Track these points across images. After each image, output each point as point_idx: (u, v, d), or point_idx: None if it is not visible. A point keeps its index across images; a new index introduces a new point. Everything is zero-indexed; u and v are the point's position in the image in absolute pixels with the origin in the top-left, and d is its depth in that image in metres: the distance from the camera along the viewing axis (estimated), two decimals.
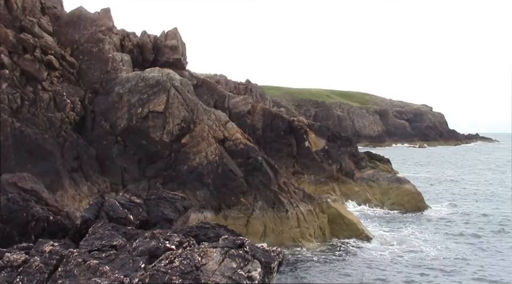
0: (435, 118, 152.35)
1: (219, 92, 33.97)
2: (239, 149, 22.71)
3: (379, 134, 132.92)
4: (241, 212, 20.58)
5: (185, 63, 33.82)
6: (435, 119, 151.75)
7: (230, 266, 4.75)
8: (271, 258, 5.11)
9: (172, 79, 23.45)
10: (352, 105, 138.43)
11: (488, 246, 20.88)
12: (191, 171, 21.50)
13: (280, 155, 31.43)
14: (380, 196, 31.55)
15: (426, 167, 63.11)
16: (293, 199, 21.76)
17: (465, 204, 32.26)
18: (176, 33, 32.91)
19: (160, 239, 5.49)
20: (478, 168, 63.08)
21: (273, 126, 32.68)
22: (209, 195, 20.88)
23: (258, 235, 20.02)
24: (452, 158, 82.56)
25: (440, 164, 69.15)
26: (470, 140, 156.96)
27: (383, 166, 39.21)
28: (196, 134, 22.40)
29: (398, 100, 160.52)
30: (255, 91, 77.78)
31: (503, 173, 55.99)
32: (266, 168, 22.19)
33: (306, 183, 30.78)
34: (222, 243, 5.06)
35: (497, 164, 70.29)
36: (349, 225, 22.32)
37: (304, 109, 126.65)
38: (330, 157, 33.85)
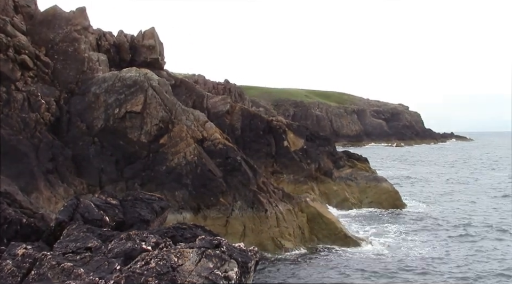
0: (411, 117, 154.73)
1: (197, 92, 33.81)
2: (218, 149, 22.64)
3: (357, 133, 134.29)
4: (220, 212, 20.51)
5: (163, 63, 33.56)
6: (411, 118, 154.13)
7: (206, 266, 4.72)
8: (248, 257, 5.09)
9: (150, 79, 23.23)
10: (330, 105, 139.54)
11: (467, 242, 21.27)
12: (170, 171, 21.33)
13: (259, 155, 31.43)
14: (358, 195, 31.88)
15: (403, 166, 64.03)
16: (272, 199, 21.79)
17: (441, 201, 32.84)
18: (153, 32, 32.63)
19: (136, 241, 5.42)
20: (453, 166, 64.30)
21: (252, 126, 32.67)
22: (188, 196, 20.75)
23: (237, 235, 19.99)
24: (428, 157, 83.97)
25: (417, 163, 70.26)
26: (445, 138, 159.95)
27: (361, 165, 39.61)
28: (174, 134, 22.24)
29: (375, 100, 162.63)
30: (233, 90, 77.69)
31: (477, 170, 57.22)
32: (245, 168, 22.17)
33: (285, 182, 30.87)
34: (199, 243, 5.02)
35: (472, 162, 71.76)
36: (328, 224, 22.47)
37: (283, 109, 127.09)
38: (309, 157, 34.02)
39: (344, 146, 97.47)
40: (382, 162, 69.29)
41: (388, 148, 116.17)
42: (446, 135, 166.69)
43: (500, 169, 59.81)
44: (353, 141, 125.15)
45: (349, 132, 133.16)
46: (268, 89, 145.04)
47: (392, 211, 28.96)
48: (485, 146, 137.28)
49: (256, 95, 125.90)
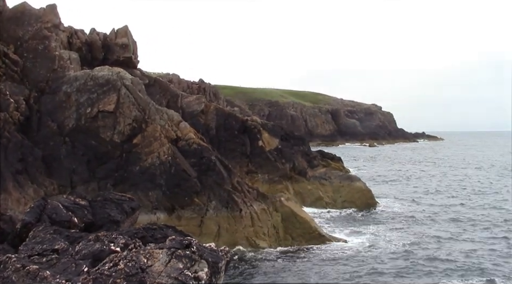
0: (384, 117, 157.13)
1: (172, 91, 33.54)
2: (192, 149, 22.49)
3: (331, 133, 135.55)
4: (194, 213, 20.38)
5: (136, 62, 33.16)
6: (384, 118, 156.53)
7: (176, 266, 4.67)
8: (219, 257, 5.07)
9: (123, 78, 22.91)
10: (305, 105, 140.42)
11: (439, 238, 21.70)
12: (143, 171, 21.09)
13: (233, 155, 31.38)
14: (331, 194, 32.18)
15: (376, 165, 64.96)
16: (246, 199, 21.78)
17: (413, 199, 33.40)
18: (126, 31, 32.20)
19: (105, 242, 5.33)
20: (424, 164, 65.56)
21: (227, 126, 32.60)
22: (162, 196, 20.55)
23: (212, 235, 19.91)
24: (400, 156, 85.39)
25: (389, 162, 71.37)
26: (417, 138, 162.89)
27: (335, 165, 39.99)
28: (147, 134, 21.99)
29: (349, 100, 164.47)
30: (208, 90, 77.35)
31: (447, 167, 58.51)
32: (219, 168, 22.10)
33: (260, 182, 30.90)
34: (169, 243, 4.97)
35: (442, 160, 73.31)
36: (302, 223, 22.59)
37: (258, 109, 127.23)
38: (284, 156, 34.16)
39: (318, 146, 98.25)
40: (356, 161, 70.15)
41: (362, 148, 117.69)
42: (418, 135, 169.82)
43: (471, 167, 61.28)
44: (327, 140, 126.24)
45: (323, 132, 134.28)
46: (243, 89, 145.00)
47: (365, 210, 29.35)
48: (455, 145, 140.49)
49: (231, 95, 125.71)
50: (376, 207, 30.27)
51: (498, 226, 24.45)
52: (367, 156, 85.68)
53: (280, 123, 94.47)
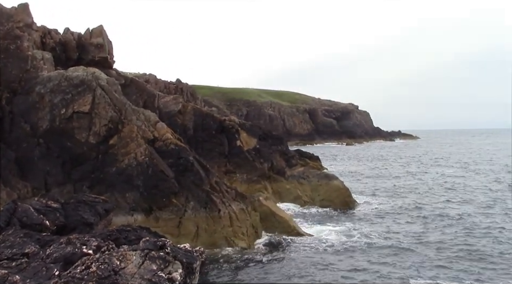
0: (361, 116, 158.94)
1: (148, 91, 33.21)
2: (169, 149, 22.31)
3: (309, 132, 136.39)
4: (172, 213, 20.22)
5: (112, 62, 32.73)
6: (361, 117, 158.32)
7: (150, 268, 4.62)
8: (193, 258, 5.03)
9: (98, 78, 22.58)
10: (283, 105, 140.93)
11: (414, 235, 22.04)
12: (120, 172, 20.81)
13: (212, 155, 31.27)
14: (310, 193, 32.35)
15: (354, 163, 65.62)
16: (225, 199, 21.72)
17: (390, 197, 33.86)
18: (101, 31, 31.76)
19: (77, 245, 5.22)
20: (400, 163, 66.51)
21: (205, 126, 32.46)
22: (139, 197, 20.32)
23: (190, 235, 19.79)
24: (376, 154, 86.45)
25: (366, 160, 72.17)
26: (393, 136, 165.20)
27: (313, 164, 40.32)
28: (124, 134, 21.71)
29: (326, 99, 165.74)
30: (185, 90, 76.89)
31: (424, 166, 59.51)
32: (197, 168, 21.98)
33: (239, 182, 30.88)
34: (143, 245, 4.91)
35: (417, 159, 74.50)
36: (281, 222, 22.68)
37: (235, 109, 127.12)
38: (262, 156, 34.21)
39: (296, 145, 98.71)
40: (334, 160, 70.73)
41: (339, 147, 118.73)
42: (394, 134, 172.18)
43: (445, 165, 62.44)
44: (305, 140, 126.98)
45: (301, 131, 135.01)
46: (220, 88, 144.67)
47: (343, 208, 29.61)
48: (430, 144, 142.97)
49: (208, 95, 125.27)
50: (353, 205, 30.57)
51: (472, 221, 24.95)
52: (344, 154, 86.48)
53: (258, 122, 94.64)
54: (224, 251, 19.11)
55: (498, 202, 31.39)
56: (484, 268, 16.80)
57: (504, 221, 24.93)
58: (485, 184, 40.57)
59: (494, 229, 23.13)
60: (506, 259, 17.89)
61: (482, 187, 39.21)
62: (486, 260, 17.82)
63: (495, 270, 16.60)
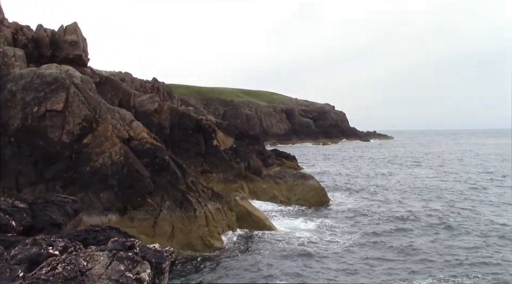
0: (337, 117, 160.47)
1: (124, 90, 32.83)
2: (145, 149, 22.11)
3: (286, 132, 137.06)
4: (148, 213, 20.04)
5: (86, 60, 32.23)
6: (337, 118, 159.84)
7: (117, 268, 4.58)
8: (163, 258, 5.01)
9: (72, 76, 22.21)
10: (260, 104, 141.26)
11: (381, 234, 22.41)
12: (94, 172, 20.52)
13: (188, 154, 31.15)
14: (286, 193, 32.53)
15: (330, 163, 66.21)
16: (201, 199, 21.66)
17: (364, 196, 34.30)
18: (76, 28, 31.24)
19: (43, 245, 5.13)
20: (375, 163, 67.48)
21: (181, 125, 32.30)
22: (114, 197, 20.07)
23: (166, 235, 19.67)
24: (352, 154, 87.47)
25: (342, 160, 72.93)
26: (368, 137, 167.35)
27: (289, 163, 40.55)
28: (98, 133, 21.42)
29: (303, 99, 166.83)
30: (162, 89, 76.29)
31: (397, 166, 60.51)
32: (173, 168, 21.85)
33: (215, 182, 30.84)
34: (111, 245, 4.87)
35: (390, 159, 75.69)
36: (256, 222, 22.76)
37: (212, 108, 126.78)
38: (239, 156, 34.25)
39: (273, 145, 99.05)
40: (310, 160, 71.24)
41: (316, 146, 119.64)
42: (369, 134, 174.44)
43: (419, 166, 63.57)
44: (282, 139, 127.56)
45: (278, 131, 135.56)
46: (197, 88, 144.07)
47: (319, 207, 29.88)
48: (405, 144, 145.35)
49: (185, 94, 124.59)
50: (329, 204, 30.90)
51: (441, 221, 25.50)
52: (321, 154, 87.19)
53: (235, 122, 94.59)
54: (200, 251, 19.05)
55: (469, 198, 32.18)
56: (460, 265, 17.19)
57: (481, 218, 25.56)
58: (454, 184, 41.50)
59: (469, 226, 23.69)
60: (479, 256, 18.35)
61: (451, 186, 40.10)
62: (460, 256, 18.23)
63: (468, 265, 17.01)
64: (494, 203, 31.35)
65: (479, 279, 15.56)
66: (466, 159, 74.64)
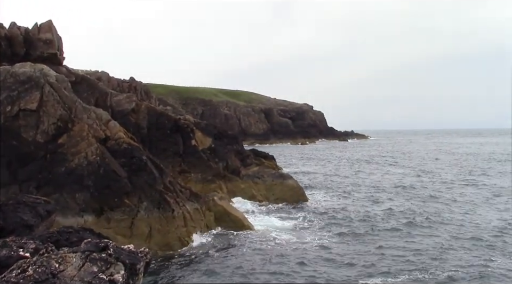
0: (315, 117, 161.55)
1: (100, 89, 32.36)
2: (122, 149, 21.87)
3: (264, 132, 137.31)
4: (125, 214, 19.83)
5: (61, 58, 31.69)
6: (315, 118, 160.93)
7: (90, 270, 4.52)
8: (137, 259, 4.97)
9: (46, 75, 21.82)
10: (238, 104, 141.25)
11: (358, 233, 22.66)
12: (70, 172, 20.20)
13: (166, 154, 30.90)
14: (264, 192, 32.61)
15: (308, 163, 66.64)
16: (179, 199, 21.55)
17: (338, 195, 34.62)
18: (50, 26, 30.68)
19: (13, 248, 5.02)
20: (351, 162, 68.20)
21: (159, 125, 32.00)
22: (90, 198, 19.79)
23: (143, 236, 19.50)
24: (329, 154, 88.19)
25: (318, 160, 73.47)
26: (346, 136, 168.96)
27: (268, 163, 40.57)
28: (74, 133, 21.09)
29: (281, 99, 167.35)
30: (139, 88, 75.54)
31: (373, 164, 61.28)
32: (151, 168, 21.68)
33: (193, 182, 30.68)
34: (84, 247, 4.80)
35: (367, 159, 76.62)
36: (235, 222, 22.75)
37: (191, 108, 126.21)
38: (217, 155, 34.14)
39: (252, 145, 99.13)
40: (288, 160, 71.54)
41: (294, 146, 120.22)
42: (347, 133, 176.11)
43: (395, 165, 64.49)
44: (261, 139, 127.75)
45: (257, 131, 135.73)
46: (175, 87, 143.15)
47: (297, 206, 30.06)
48: (382, 144, 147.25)
49: (163, 94, 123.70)
50: (307, 203, 31.10)
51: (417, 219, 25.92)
52: (299, 154, 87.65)
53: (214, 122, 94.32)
54: (177, 251, 18.95)
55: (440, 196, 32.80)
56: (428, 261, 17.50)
57: (447, 214, 26.07)
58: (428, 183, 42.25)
59: (441, 226, 24.15)
60: (440, 252, 18.71)
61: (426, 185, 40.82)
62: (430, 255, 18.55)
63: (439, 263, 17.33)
64: (469, 202, 32.02)
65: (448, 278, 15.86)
66: (442, 157, 76.01)
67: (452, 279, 15.64)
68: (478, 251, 19.29)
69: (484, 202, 31.61)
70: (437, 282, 15.42)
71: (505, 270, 16.59)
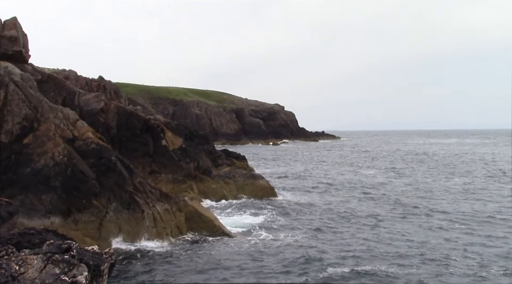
0: (287, 117, 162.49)
1: (68, 88, 31.68)
2: (90, 149, 21.48)
3: (236, 132, 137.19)
4: (93, 215, 19.48)
5: (27, 56, 30.80)
6: (287, 118, 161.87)
7: (52, 272, 4.42)
8: (101, 260, 4.89)
9: (11, 74, 21.23)
10: (210, 104, 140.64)
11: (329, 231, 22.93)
12: (35, 173, 19.70)
13: (136, 155, 30.51)
14: (235, 192, 32.61)
15: (279, 163, 66.94)
16: (149, 199, 21.30)
17: (309, 194, 34.92)
18: (15, 23, 29.78)
19: None
20: (323, 162, 68.92)
21: (129, 125, 31.57)
22: (57, 199, 19.35)
23: (112, 238, 19.19)
24: (300, 154, 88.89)
25: (289, 160, 73.94)
26: (317, 137, 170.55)
27: (239, 164, 40.55)
28: (40, 133, 20.58)
29: (253, 100, 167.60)
30: (109, 88, 74.22)
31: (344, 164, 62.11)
32: (120, 168, 21.36)
33: (164, 182, 30.41)
34: (46, 248, 4.68)
35: (336, 159, 77.60)
36: (206, 222, 22.62)
37: (161, 107, 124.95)
38: (188, 156, 33.93)
39: (223, 145, 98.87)
40: (260, 160, 71.71)
41: (265, 146, 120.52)
42: (318, 134, 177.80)
43: (365, 167, 65.48)
44: (232, 139, 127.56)
45: (228, 131, 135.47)
46: (146, 87, 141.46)
47: (268, 205, 30.16)
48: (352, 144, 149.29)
49: (133, 93, 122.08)
50: (278, 202, 31.24)
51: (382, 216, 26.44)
52: (270, 154, 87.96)
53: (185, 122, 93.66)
54: (144, 251, 18.71)
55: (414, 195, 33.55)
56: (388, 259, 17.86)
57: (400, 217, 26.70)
58: (397, 181, 43.14)
59: (408, 222, 24.70)
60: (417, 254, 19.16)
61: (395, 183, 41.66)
62: (398, 249, 18.94)
63: (400, 259, 17.71)
64: (438, 198, 32.83)
65: (410, 274, 16.23)
66: (411, 157, 77.68)
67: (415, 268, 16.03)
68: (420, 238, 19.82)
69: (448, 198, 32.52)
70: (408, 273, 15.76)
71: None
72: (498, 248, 19.59)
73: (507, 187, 39.53)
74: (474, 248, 19.57)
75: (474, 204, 30.98)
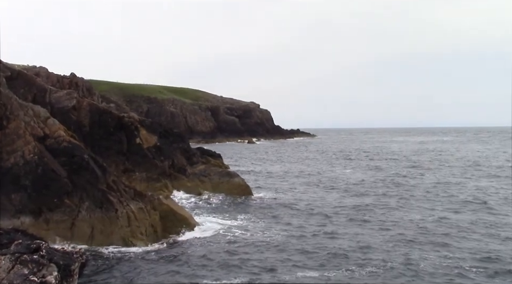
0: (262, 115, 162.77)
1: (38, 85, 31.00)
2: (62, 147, 21.08)
3: (211, 130, 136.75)
4: (65, 215, 19.13)
5: None
6: (262, 116, 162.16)
7: (21, 272, 4.34)
8: (72, 260, 4.82)
9: None
10: (185, 102, 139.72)
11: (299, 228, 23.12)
12: (5, 172, 19.20)
13: (109, 153, 30.11)
14: (211, 190, 32.52)
15: (255, 161, 67.08)
16: (123, 198, 21.03)
17: (284, 192, 35.10)
18: None
19: None
20: (299, 160, 69.39)
21: (102, 123, 31.11)
22: (27, 198, 18.93)
23: (85, 237, 18.91)
24: (276, 152, 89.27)
25: (265, 158, 74.18)
26: (292, 135, 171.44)
27: (214, 162, 40.51)
28: (9, 131, 20.07)
29: (228, 97, 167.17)
30: (81, 85, 72.86)
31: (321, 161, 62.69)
32: (93, 167, 21.03)
33: (138, 181, 30.11)
34: (14, 248, 4.59)
35: (313, 157, 78.24)
36: (181, 220, 22.50)
37: (136, 105, 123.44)
38: (162, 154, 33.68)
39: (198, 143, 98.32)
40: (235, 158, 71.69)
41: (241, 144, 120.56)
42: (293, 132, 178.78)
43: (339, 164, 66.19)
44: (207, 137, 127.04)
45: (204, 129, 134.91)
46: (119, 84, 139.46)
47: (243, 203, 30.21)
48: (327, 142, 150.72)
49: (106, 90, 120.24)
50: (253, 200, 31.32)
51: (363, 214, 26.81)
52: (246, 152, 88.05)
53: (160, 119, 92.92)
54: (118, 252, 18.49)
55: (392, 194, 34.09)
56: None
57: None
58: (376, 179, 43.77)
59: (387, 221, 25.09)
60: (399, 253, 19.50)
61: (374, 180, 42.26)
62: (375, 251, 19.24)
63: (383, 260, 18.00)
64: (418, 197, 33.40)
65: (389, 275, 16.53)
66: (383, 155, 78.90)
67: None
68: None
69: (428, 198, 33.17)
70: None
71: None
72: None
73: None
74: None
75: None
